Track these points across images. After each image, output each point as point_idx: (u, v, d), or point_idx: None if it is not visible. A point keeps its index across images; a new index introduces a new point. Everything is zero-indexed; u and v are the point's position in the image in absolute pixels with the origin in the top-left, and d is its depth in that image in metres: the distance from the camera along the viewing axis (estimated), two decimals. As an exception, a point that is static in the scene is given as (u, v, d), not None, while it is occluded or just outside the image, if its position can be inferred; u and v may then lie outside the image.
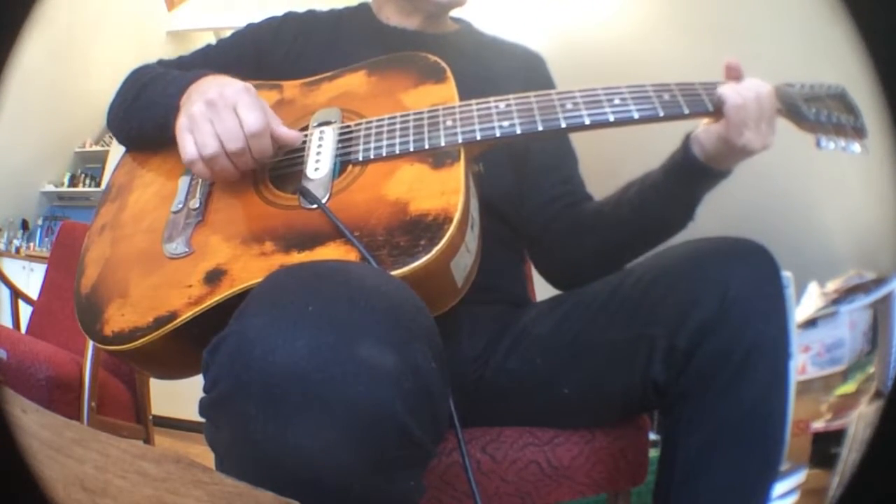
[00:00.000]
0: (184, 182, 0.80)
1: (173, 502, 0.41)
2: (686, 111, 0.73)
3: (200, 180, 0.79)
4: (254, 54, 0.96)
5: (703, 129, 0.77)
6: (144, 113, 0.84)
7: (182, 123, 0.73)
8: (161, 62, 0.98)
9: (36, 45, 0.54)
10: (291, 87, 0.88)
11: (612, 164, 1.10)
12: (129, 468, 0.43)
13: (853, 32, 0.51)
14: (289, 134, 0.75)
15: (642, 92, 0.73)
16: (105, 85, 0.94)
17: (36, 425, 0.45)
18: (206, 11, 3.53)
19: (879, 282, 1.61)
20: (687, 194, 0.81)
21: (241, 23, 1.02)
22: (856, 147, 0.76)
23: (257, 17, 1.03)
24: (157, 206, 0.80)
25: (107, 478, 0.42)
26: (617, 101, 0.73)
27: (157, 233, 0.76)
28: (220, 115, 0.71)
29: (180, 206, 0.78)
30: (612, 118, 0.72)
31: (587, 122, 0.72)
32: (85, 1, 3.40)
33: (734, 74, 0.76)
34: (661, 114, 0.72)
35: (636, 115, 0.72)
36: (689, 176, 0.79)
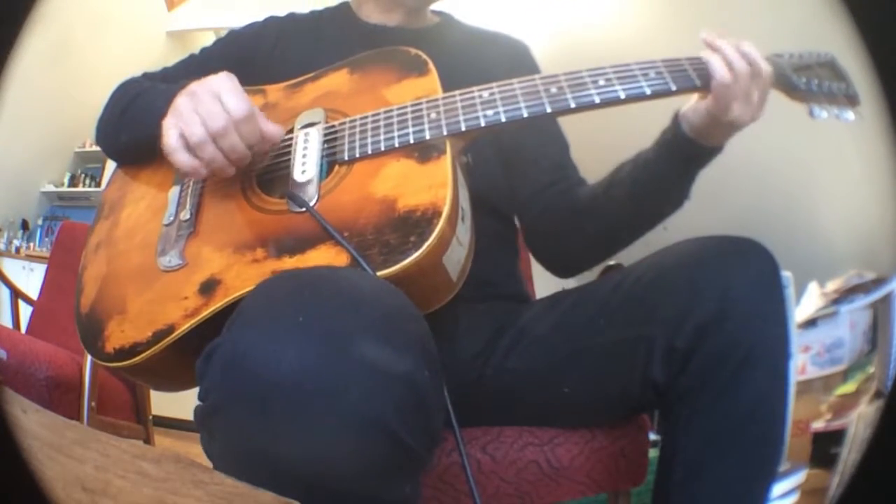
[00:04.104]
0: (174, 193, 0.80)
1: (173, 502, 0.41)
2: (673, 87, 0.72)
3: (190, 190, 0.78)
4: (237, 61, 0.94)
5: (691, 105, 0.76)
6: (133, 126, 0.83)
7: (167, 122, 0.73)
8: (146, 75, 0.97)
9: (36, 45, 0.54)
10: (275, 91, 0.88)
11: (605, 143, 1.09)
12: (129, 468, 0.43)
13: (852, 31, 0.51)
14: (271, 128, 0.74)
15: (627, 71, 0.72)
16: (105, 85, 0.94)
17: (36, 425, 0.45)
18: (206, 11, 3.53)
19: (879, 282, 1.61)
20: (679, 172, 0.81)
21: (241, 22, 1.02)
22: (849, 114, 0.75)
23: (258, 17, 1.02)
24: (149, 219, 0.80)
25: (107, 478, 0.42)
26: (602, 83, 0.72)
27: (150, 247, 0.76)
28: (202, 100, 0.71)
29: (171, 218, 0.77)
30: (597, 100, 0.71)
31: (573, 105, 0.71)
32: (85, 1, 3.40)
33: (713, 48, 0.75)
34: (648, 92, 0.72)
35: (622, 96, 0.71)
36: (680, 153, 0.79)
